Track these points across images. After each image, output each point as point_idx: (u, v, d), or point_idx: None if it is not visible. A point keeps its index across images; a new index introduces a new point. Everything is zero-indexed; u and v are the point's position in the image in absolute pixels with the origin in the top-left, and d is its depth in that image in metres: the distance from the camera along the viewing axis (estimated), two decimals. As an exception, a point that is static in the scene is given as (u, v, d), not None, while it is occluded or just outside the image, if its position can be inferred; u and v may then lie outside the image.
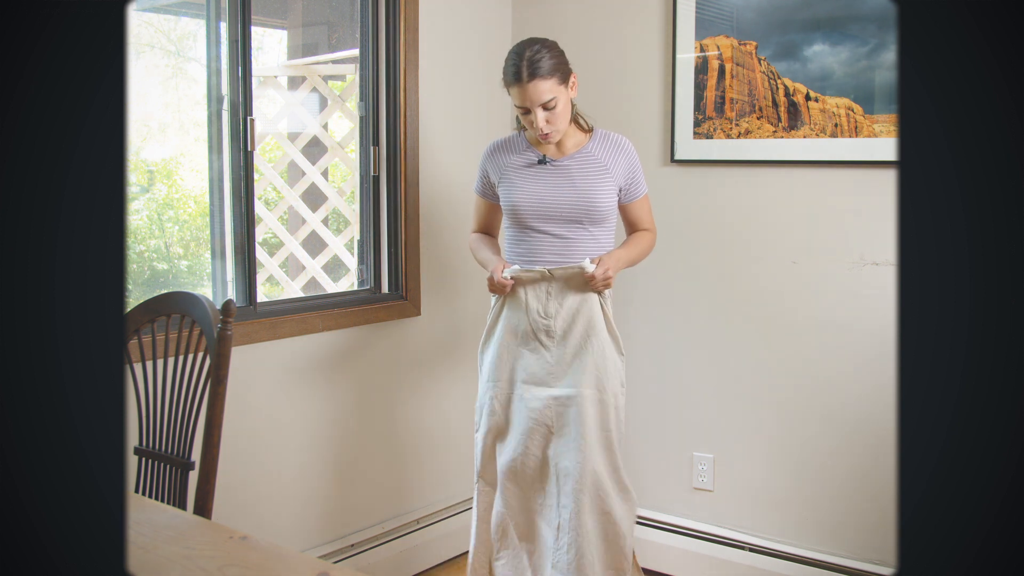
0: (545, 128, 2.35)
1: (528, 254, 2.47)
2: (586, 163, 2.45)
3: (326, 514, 2.88)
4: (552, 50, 2.36)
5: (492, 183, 2.55)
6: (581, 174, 2.43)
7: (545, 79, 2.31)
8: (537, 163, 2.46)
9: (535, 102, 2.32)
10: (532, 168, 2.46)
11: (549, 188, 2.43)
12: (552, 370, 2.43)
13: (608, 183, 2.44)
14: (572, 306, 2.42)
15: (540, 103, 2.32)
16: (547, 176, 2.45)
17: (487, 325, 2.55)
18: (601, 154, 2.46)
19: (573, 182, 2.42)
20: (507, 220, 2.52)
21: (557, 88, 2.33)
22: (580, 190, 2.41)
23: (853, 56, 2.67)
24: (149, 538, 1.44)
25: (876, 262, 2.70)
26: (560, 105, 2.35)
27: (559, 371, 2.42)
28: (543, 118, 2.34)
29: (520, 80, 2.30)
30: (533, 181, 2.45)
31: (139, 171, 2.65)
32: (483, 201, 2.62)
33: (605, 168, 2.45)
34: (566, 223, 2.43)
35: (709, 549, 3.02)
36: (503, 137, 2.58)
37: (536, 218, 2.44)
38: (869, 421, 2.72)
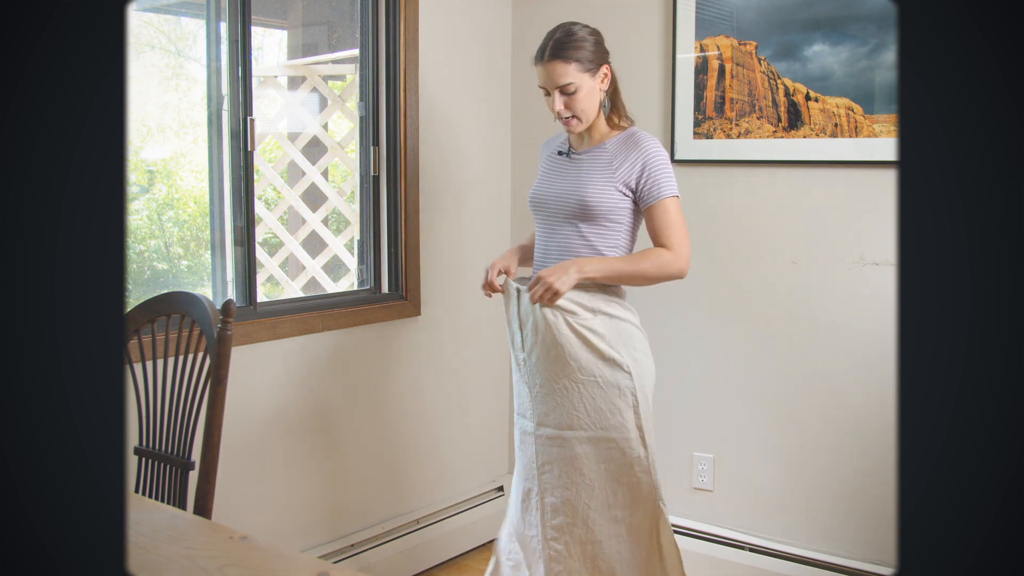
0: (563, 112, 2.28)
1: (538, 250, 2.41)
2: (596, 161, 2.33)
3: (326, 514, 2.88)
4: (586, 36, 2.27)
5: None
6: (587, 171, 2.32)
7: (566, 62, 2.24)
8: (559, 154, 2.40)
9: (552, 83, 2.26)
10: (553, 159, 2.41)
11: (553, 181, 2.36)
12: (531, 404, 2.33)
13: (605, 180, 2.28)
14: (533, 330, 2.27)
15: (557, 85, 2.25)
16: (561, 169, 2.37)
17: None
18: (612, 148, 2.32)
19: (578, 178, 2.32)
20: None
21: (579, 75, 2.24)
22: (574, 185, 2.31)
23: (853, 56, 2.67)
24: (149, 538, 1.44)
25: (876, 262, 2.70)
26: (583, 92, 2.26)
27: (535, 406, 2.31)
28: (561, 102, 2.26)
29: (541, 58, 2.27)
30: (548, 172, 2.40)
31: (139, 171, 2.65)
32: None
33: (608, 164, 2.30)
34: (561, 219, 2.33)
35: (709, 549, 3.02)
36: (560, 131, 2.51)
37: (537, 211, 2.39)
38: (869, 421, 2.72)
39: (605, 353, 2.22)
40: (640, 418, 2.22)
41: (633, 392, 2.22)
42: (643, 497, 2.25)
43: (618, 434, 2.22)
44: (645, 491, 2.24)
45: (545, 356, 2.25)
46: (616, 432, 2.22)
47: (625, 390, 2.22)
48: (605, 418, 2.22)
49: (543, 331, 2.24)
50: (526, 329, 2.29)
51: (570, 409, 2.24)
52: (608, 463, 2.24)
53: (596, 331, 2.23)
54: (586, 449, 2.25)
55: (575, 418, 2.24)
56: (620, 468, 2.24)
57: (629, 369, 2.23)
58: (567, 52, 2.24)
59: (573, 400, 2.24)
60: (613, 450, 2.23)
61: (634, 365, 2.24)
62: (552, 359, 2.24)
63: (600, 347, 2.22)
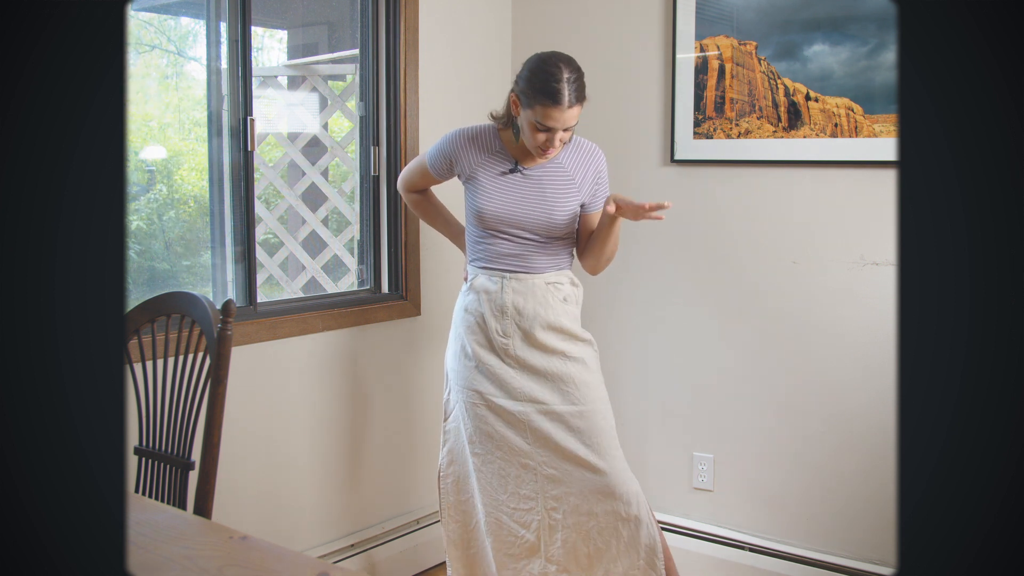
0: (558, 150, 2.34)
1: (488, 257, 2.44)
2: (555, 175, 2.40)
3: (326, 514, 2.88)
4: (582, 73, 2.29)
5: (454, 172, 2.51)
6: (550, 186, 2.39)
7: (581, 105, 2.27)
8: (510, 172, 2.41)
9: (566, 125, 2.25)
10: (504, 177, 2.41)
11: (518, 200, 2.39)
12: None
13: (573, 196, 2.40)
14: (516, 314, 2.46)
15: (569, 127, 2.27)
16: (517, 187, 2.40)
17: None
18: (569, 165, 2.41)
19: (543, 194, 2.38)
20: (468, 215, 2.50)
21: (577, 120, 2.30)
22: (547, 204, 2.38)
23: (853, 56, 2.67)
24: (149, 538, 1.44)
25: (876, 262, 2.70)
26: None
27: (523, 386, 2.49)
28: (561, 140, 2.29)
29: (560, 103, 2.20)
30: (504, 191, 2.41)
31: (139, 171, 2.65)
32: (427, 172, 2.58)
33: (573, 180, 2.40)
34: (525, 234, 2.40)
35: (709, 549, 3.02)
36: (474, 127, 2.49)
37: (500, 225, 2.41)
38: (869, 421, 2.72)
39: (579, 335, 2.44)
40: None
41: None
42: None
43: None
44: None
45: (527, 340, 2.40)
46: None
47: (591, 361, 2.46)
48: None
49: (530, 315, 2.39)
50: (507, 316, 2.40)
51: (562, 385, 2.39)
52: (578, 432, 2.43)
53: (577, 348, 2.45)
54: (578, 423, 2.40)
55: (569, 394, 2.39)
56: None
57: (590, 348, 2.47)
58: (583, 93, 2.27)
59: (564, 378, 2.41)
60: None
61: (590, 349, 2.48)
62: (537, 344, 2.40)
63: (572, 330, 2.43)
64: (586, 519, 2.38)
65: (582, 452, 2.35)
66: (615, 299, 3.21)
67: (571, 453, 2.36)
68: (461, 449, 2.52)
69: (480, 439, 2.44)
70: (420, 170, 2.61)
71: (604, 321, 3.20)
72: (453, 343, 2.52)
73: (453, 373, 2.50)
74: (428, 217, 2.75)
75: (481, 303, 2.43)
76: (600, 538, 2.38)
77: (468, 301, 2.47)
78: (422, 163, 2.60)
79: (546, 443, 2.37)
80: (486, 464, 2.45)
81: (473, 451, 2.47)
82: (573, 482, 2.37)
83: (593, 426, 2.37)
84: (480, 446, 2.45)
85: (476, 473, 2.47)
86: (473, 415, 2.44)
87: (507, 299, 2.40)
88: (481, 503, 2.48)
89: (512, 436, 2.40)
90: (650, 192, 3.10)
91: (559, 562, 2.42)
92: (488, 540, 2.48)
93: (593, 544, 2.38)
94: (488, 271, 2.44)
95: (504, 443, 2.41)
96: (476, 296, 2.45)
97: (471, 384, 2.44)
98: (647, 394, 3.16)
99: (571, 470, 2.37)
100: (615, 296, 3.21)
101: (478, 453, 2.46)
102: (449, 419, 2.54)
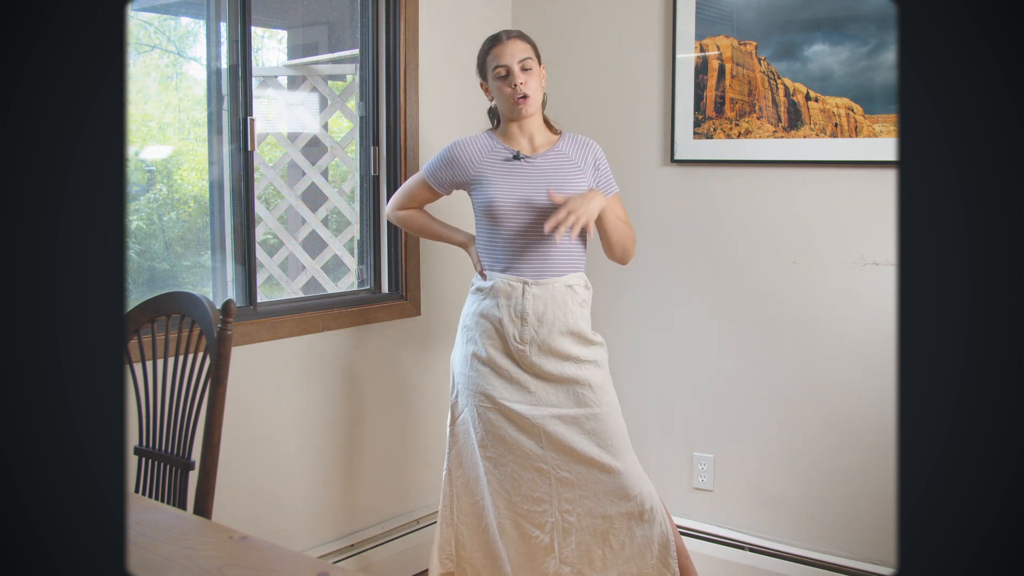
0: (522, 88, 2.39)
1: (505, 259, 2.43)
2: (559, 161, 2.45)
3: (326, 514, 2.88)
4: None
5: (456, 179, 2.52)
6: (556, 171, 2.43)
7: (524, 42, 2.44)
8: (512, 159, 2.45)
9: (514, 58, 2.39)
10: (508, 164, 2.44)
11: (525, 184, 2.41)
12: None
13: (579, 177, 2.43)
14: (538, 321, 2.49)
15: (518, 60, 2.40)
16: (523, 172, 2.43)
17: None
18: (572, 152, 2.47)
19: (549, 179, 2.41)
20: (480, 220, 2.50)
21: (534, 57, 2.44)
22: (557, 186, 2.39)
23: (853, 56, 2.67)
24: (149, 538, 1.44)
25: (876, 262, 2.70)
26: (535, 75, 2.43)
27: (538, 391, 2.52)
28: (522, 76, 2.40)
29: (500, 39, 2.42)
30: (510, 177, 2.43)
31: (139, 171, 2.65)
32: (427, 185, 2.58)
33: (577, 165, 2.45)
34: (541, 220, 2.37)
35: (709, 549, 3.02)
36: (469, 137, 2.55)
37: (513, 215, 2.40)
38: (869, 421, 2.72)
39: (592, 338, 2.45)
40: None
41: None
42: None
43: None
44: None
45: (544, 348, 2.39)
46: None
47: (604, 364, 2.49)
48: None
49: (550, 321, 2.39)
50: (527, 323, 2.40)
51: (577, 389, 2.40)
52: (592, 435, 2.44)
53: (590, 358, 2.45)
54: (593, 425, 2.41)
55: (584, 397, 2.40)
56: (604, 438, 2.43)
57: (602, 349, 2.49)
58: (524, 36, 2.47)
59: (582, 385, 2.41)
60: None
61: (602, 350, 2.49)
62: (553, 351, 2.39)
63: (587, 333, 2.44)
64: (600, 522, 2.38)
65: (596, 454, 2.36)
66: (615, 299, 3.21)
67: (585, 456, 2.36)
68: (471, 452, 2.51)
69: (492, 443, 2.44)
70: (419, 184, 2.61)
71: (604, 321, 3.20)
72: (463, 346, 2.51)
73: (462, 377, 2.49)
74: (424, 226, 2.70)
75: (500, 308, 2.42)
76: (615, 540, 2.38)
77: (485, 306, 2.45)
78: (420, 178, 2.61)
79: (560, 447, 2.38)
80: (498, 467, 2.45)
81: (484, 455, 2.47)
82: (587, 485, 2.38)
83: (607, 427, 2.37)
84: (492, 450, 2.45)
85: (487, 476, 2.47)
86: (484, 419, 2.44)
87: (528, 305, 2.39)
88: (492, 506, 2.48)
89: (525, 440, 2.40)
90: (650, 192, 3.10)
91: (573, 563, 2.42)
92: (502, 542, 2.49)
93: (608, 546, 2.39)
94: (506, 275, 2.43)
95: (517, 447, 2.41)
96: (495, 302, 2.43)
97: (483, 388, 2.43)
98: (647, 394, 3.16)
99: (585, 473, 2.38)
100: (615, 296, 3.21)
101: (490, 456, 2.46)
102: (458, 421, 2.54)
